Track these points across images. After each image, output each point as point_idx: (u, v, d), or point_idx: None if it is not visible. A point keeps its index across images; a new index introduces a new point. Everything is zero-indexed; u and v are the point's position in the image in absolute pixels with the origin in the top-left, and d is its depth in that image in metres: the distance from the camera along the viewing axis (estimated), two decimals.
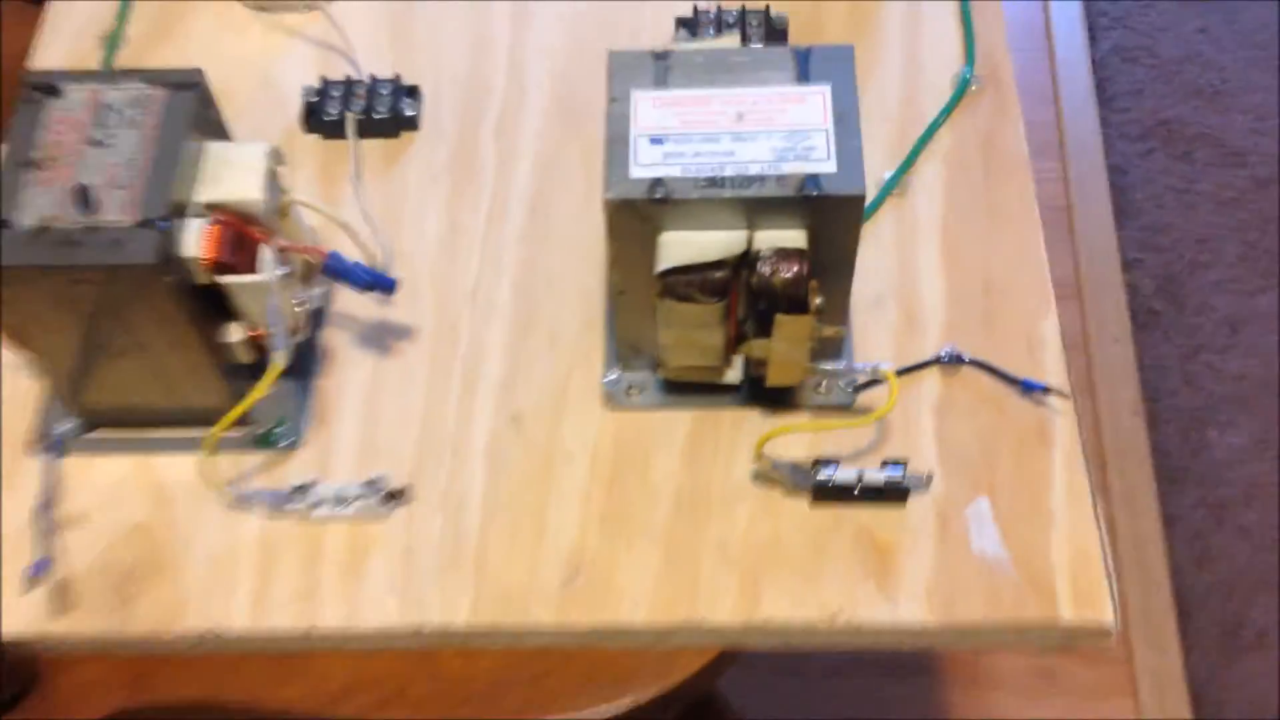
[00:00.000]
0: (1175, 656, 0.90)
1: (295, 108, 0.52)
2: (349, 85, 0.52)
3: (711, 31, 0.52)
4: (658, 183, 0.36)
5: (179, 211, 0.38)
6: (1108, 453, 0.98)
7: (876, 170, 0.49)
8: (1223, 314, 1.05)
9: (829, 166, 0.36)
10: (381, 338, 0.47)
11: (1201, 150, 1.15)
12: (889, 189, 0.48)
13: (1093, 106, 1.19)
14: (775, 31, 0.53)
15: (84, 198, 0.36)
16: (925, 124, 0.50)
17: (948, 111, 0.50)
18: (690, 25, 0.53)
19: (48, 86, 0.39)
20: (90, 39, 0.54)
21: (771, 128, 0.37)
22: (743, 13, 0.53)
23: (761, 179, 0.36)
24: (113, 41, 0.54)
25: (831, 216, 0.36)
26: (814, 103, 0.37)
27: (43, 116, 0.38)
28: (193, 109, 0.39)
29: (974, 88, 0.51)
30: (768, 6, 0.53)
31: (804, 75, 0.38)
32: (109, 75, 0.39)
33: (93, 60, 0.54)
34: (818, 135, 0.37)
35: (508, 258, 0.48)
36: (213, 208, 0.39)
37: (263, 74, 0.53)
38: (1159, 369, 1.03)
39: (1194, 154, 1.15)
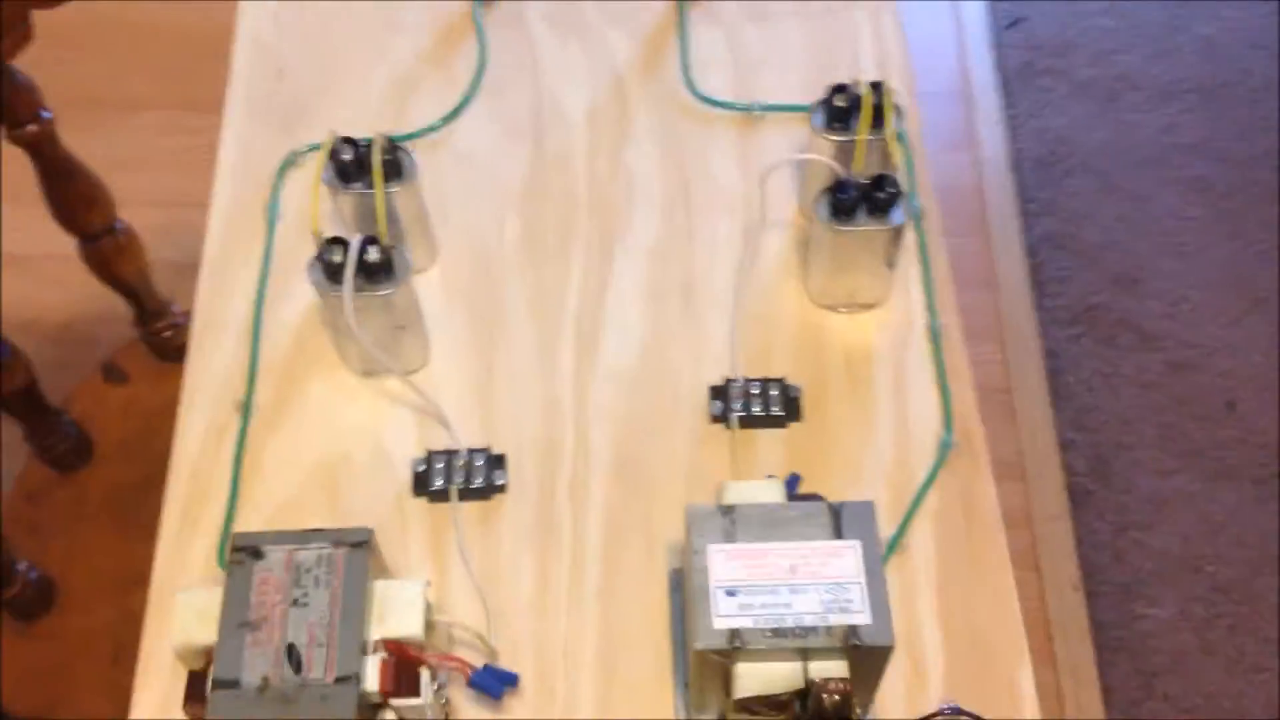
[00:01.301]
0: None
1: (404, 472, 0.63)
2: (450, 457, 0.63)
3: (740, 403, 0.64)
4: (735, 634, 0.48)
5: (362, 652, 0.49)
6: (1053, 625, 1.12)
7: (883, 530, 0.61)
8: (1145, 493, 1.20)
9: (865, 618, 0.48)
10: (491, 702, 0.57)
11: (1123, 335, 1.31)
12: (892, 549, 0.61)
13: (1027, 292, 1.35)
14: (791, 400, 0.65)
15: (293, 657, 0.47)
16: (915, 481, 0.63)
17: (933, 476, 0.63)
18: (722, 395, 0.65)
19: (253, 550, 0.49)
20: (226, 407, 0.65)
21: (818, 579, 0.49)
22: (764, 384, 0.66)
23: (814, 629, 0.48)
24: (246, 410, 0.64)
25: (868, 654, 0.48)
26: (849, 557, 0.50)
27: (251, 578, 0.49)
28: (366, 563, 0.50)
29: (953, 450, 0.64)
30: (783, 379, 0.66)
31: (838, 530, 0.50)
32: (300, 536, 0.50)
33: (231, 428, 0.64)
34: (854, 588, 0.49)
35: (588, 614, 0.60)
36: (382, 640, 0.50)
37: (374, 441, 0.64)
38: (1094, 545, 1.17)
39: (1116, 339, 1.31)
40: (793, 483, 0.57)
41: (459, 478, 0.62)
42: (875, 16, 0.80)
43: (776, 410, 0.65)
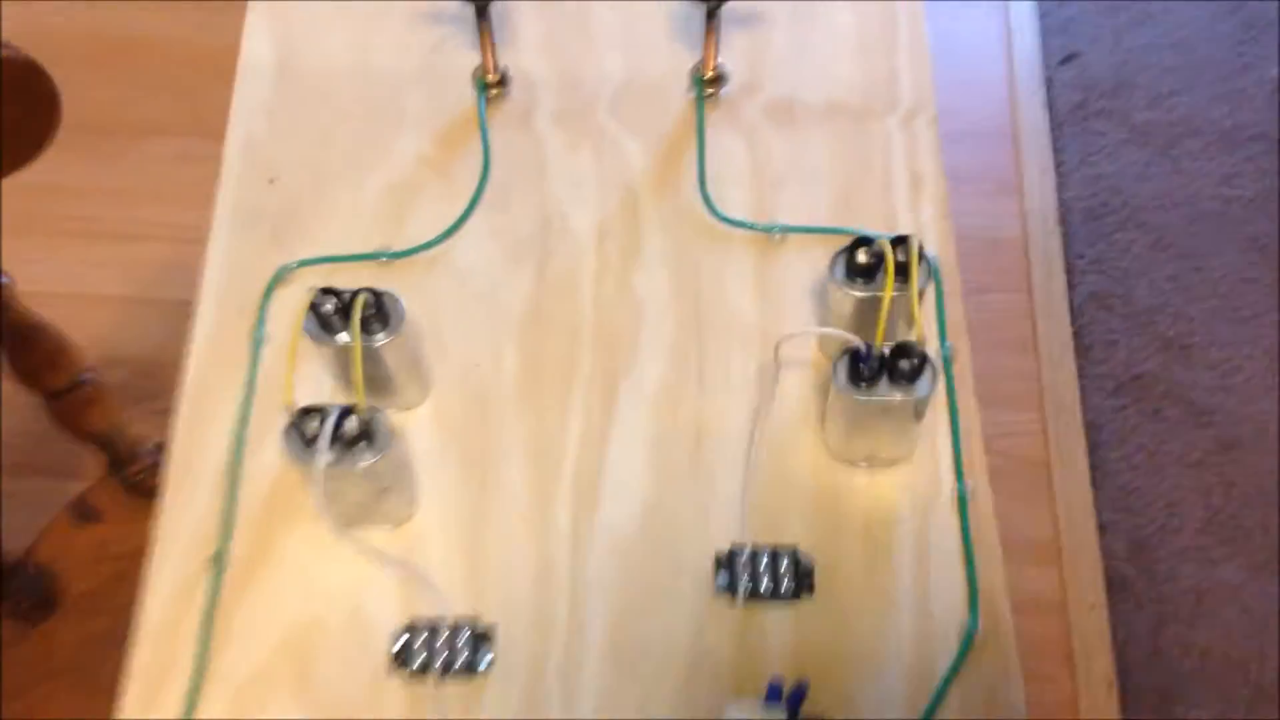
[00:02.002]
0: None
1: (382, 641, 0.59)
2: (432, 631, 0.59)
3: (747, 576, 0.60)
4: None
5: None
6: None
7: None
8: (1188, 583, 1.14)
9: None
10: None
11: (1170, 408, 1.24)
12: None
13: (1070, 357, 1.28)
14: (804, 573, 0.60)
15: None
16: (936, 672, 0.58)
17: (954, 670, 0.58)
18: (729, 565, 0.61)
19: None
20: (197, 561, 0.61)
21: None
22: (774, 554, 0.61)
23: None
24: (218, 566, 0.61)
25: None
26: None
27: None
28: None
29: (978, 639, 0.59)
30: (796, 548, 0.61)
31: None
32: None
33: (201, 585, 0.60)
34: None
35: None
36: None
37: (353, 604, 0.60)
38: (1132, 639, 1.11)
39: (1163, 412, 1.24)
40: (797, 699, 0.53)
41: (441, 656, 0.58)
42: (908, 124, 0.74)
43: (787, 585, 0.60)
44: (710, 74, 0.75)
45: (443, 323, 0.68)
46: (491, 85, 0.75)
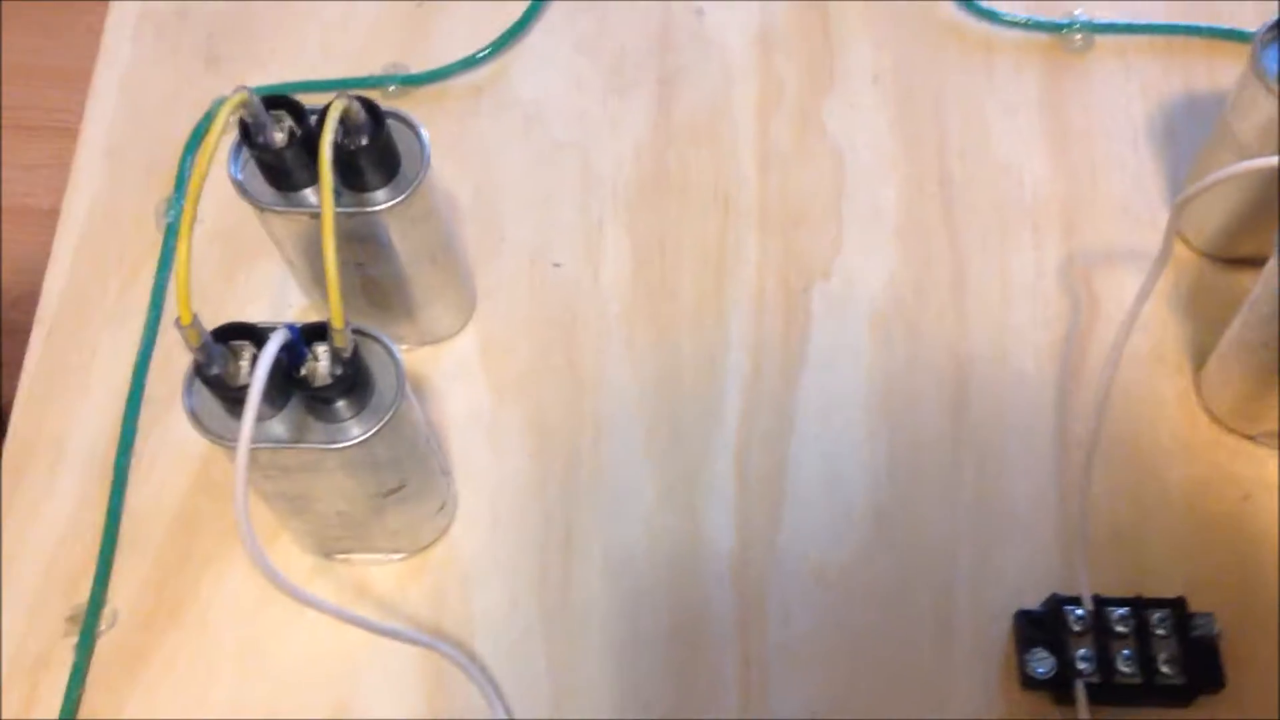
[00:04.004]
0: None
1: None
2: None
3: (1089, 660, 0.31)
4: None
5: None
6: None
7: None
8: None
9: None
10: None
11: None
12: None
13: None
14: (1201, 648, 0.32)
15: None
16: None
17: None
18: (1051, 634, 0.32)
19: None
20: (52, 622, 0.33)
21: None
22: (1139, 613, 0.32)
23: None
24: (89, 628, 0.33)
25: None
26: None
27: None
28: None
29: None
30: (1183, 601, 0.32)
31: None
32: None
33: (53, 664, 0.33)
34: None
35: None
36: None
37: (336, 703, 0.33)
38: None
39: None
40: None
41: None
42: None
43: (1169, 672, 0.31)
44: None
45: (494, 190, 0.40)
46: None
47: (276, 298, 0.37)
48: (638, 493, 0.34)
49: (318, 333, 0.27)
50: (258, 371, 0.25)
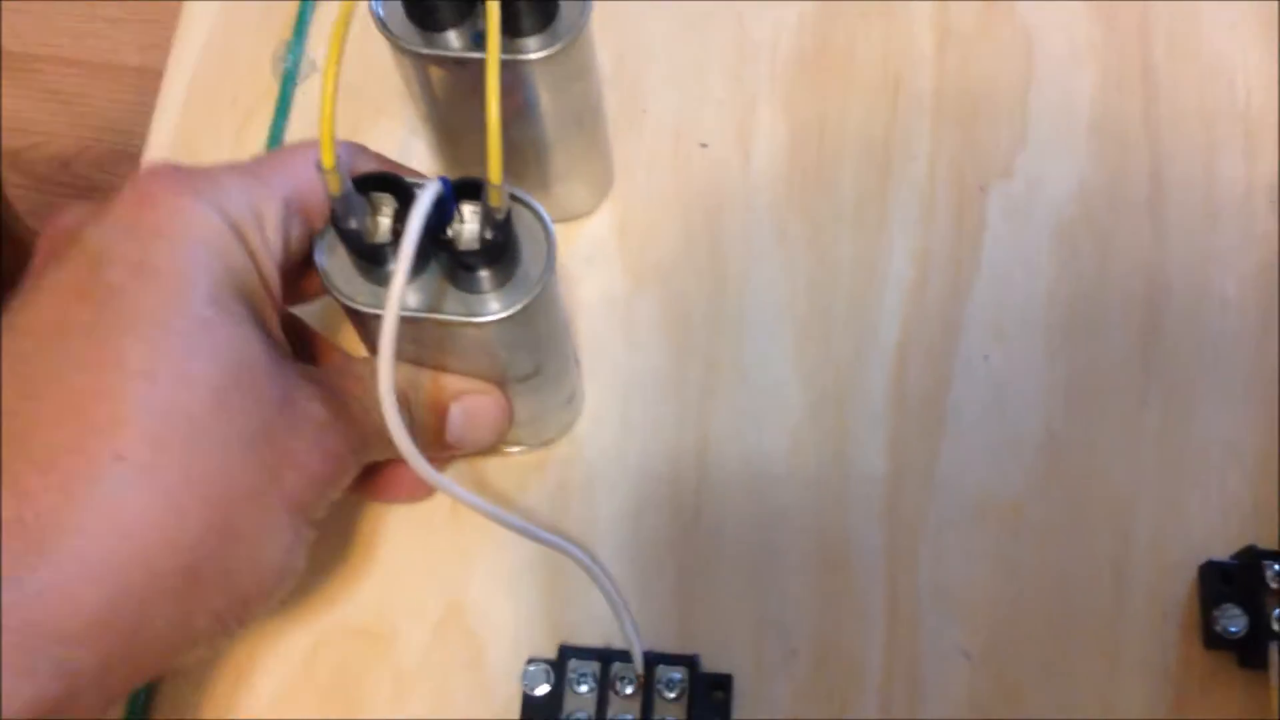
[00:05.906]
0: None
1: (507, 687, 0.29)
2: (604, 676, 0.29)
3: None
4: None
5: None
6: None
7: None
8: None
9: None
10: None
11: None
12: None
13: None
14: None
15: None
16: None
17: None
18: (1233, 589, 0.29)
19: None
20: None
21: None
22: None
23: None
24: None
25: None
26: None
27: None
28: None
29: None
30: None
31: None
32: None
33: None
34: None
35: None
36: None
37: (445, 608, 0.30)
38: None
39: None
40: None
41: None
42: None
43: None
44: None
45: (638, 55, 0.36)
46: None
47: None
48: (783, 403, 0.31)
49: (468, 190, 0.24)
50: (411, 223, 0.22)
